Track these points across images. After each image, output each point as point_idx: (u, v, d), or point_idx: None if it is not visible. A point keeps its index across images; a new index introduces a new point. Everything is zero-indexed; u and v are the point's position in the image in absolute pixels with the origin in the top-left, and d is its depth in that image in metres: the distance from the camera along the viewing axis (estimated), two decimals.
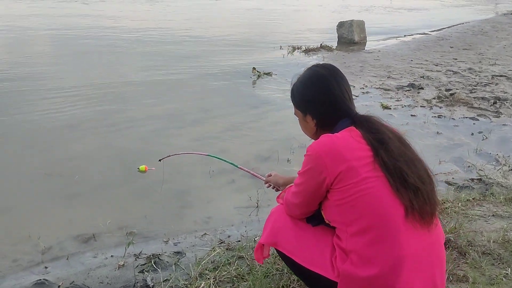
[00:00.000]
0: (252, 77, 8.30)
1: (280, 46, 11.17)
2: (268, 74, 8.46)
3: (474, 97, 7.01)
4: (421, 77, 8.34)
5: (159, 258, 3.01)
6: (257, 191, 3.87)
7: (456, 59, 10.04)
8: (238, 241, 3.21)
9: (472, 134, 5.59)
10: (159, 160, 3.84)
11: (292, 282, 2.54)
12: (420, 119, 6.11)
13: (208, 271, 2.74)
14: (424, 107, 6.62)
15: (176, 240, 3.34)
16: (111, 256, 3.12)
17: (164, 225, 3.58)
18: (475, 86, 7.67)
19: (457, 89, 7.40)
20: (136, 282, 2.74)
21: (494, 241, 3.00)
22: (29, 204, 3.90)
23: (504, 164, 4.68)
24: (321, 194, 1.89)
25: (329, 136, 1.86)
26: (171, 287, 2.63)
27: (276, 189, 2.63)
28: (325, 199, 1.91)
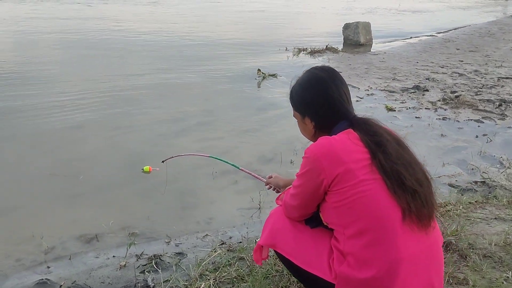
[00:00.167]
0: (257, 79, 8.31)
1: (286, 48, 11.19)
2: (273, 76, 8.48)
3: (480, 100, 6.98)
4: (427, 79, 8.32)
5: (161, 259, 3.03)
6: (259, 193, 3.88)
7: (462, 61, 10.01)
8: (239, 243, 3.22)
9: (477, 137, 5.57)
10: (162, 162, 3.91)
11: (292, 284, 2.55)
12: (425, 121, 6.09)
13: (209, 272, 2.75)
14: (429, 109, 6.61)
15: (178, 241, 3.36)
16: (113, 257, 3.14)
17: (166, 226, 3.60)
18: (481, 89, 7.64)
19: (463, 91, 7.37)
20: (137, 283, 2.76)
21: (496, 244, 2.98)
22: (33, 204, 3.94)
23: (508, 167, 4.66)
24: (319, 196, 1.90)
25: (327, 139, 1.87)
26: (172, 287, 2.65)
27: (277, 191, 2.64)
28: (323, 201, 1.91)
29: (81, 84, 7.45)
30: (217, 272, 2.73)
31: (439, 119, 6.19)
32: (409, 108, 6.66)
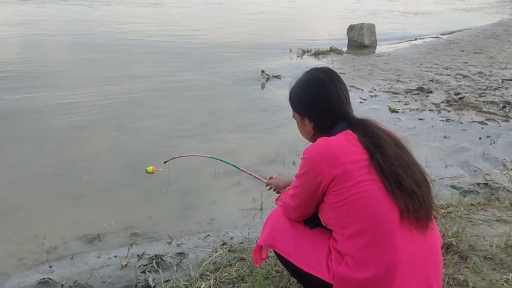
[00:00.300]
0: (261, 80, 8.32)
1: (290, 49, 11.18)
2: (277, 77, 8.49)
3: (483, 101, 6.96)
4: (431, 81, 8.31)
5: (162, 259, 3.05)
6: (261, 194, 3.89)
7: (467, 63, 9.98)
8: (241, 243, 3.24)
9: (480, 138, 5.55)
10: (164, 162, 3.93)
11: (292, 284, 2.56)
12: (428, 123, 6.08)
13: (209, 272, 2.76)
14: (432, 111, 6.60)
15: (180, 241, 3.38)
16: (115, 256, 3.16)
17: (168, 226, 3.62)
18: (485, 90, 7.62)
19: (466, 93, 7.36)
20: (138, 282, 2.78)
21: (497, 246, 2.98)
22: (37, 204, 3.97)
23: (511, 169, 4.65)
24: (318, 197, 1.91)
25: (325, 140, 1.88)
26: (172, 287, 2.66)
27: (277, 192, 2.65)
28: (322, 202, 1.92)
29: (85, 86, 7.48)
30: (218, 272, 2.74)
31: (443, 121, 6.18)
32: (413, 110, 6.65)
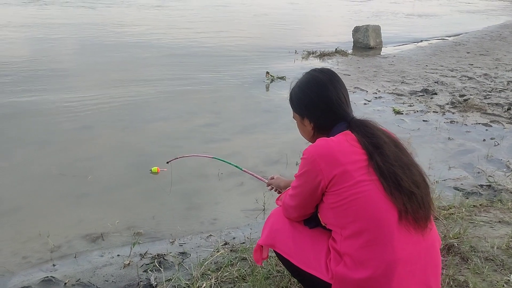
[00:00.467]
0: (266, 81, 8.34)
1: (295, 51, 11.19)
2: (282, 78, 8.50)
3: (488, 103, 6.95)
4: (435, 83, 8.30)
5: (164, 258, 3.07)
6: (264, 194, 3.90)
7: (472, 65, 9.96)
8: (243, 243, 3.25)
9: (484, 140, 5.55)
10: (167, 162, 3.98)
11: (292, 284, 2.57)
12: (432, 125, 6.08)
13: (211, 272, 2.78)
14: (437, 113, 6.59)
15: (182, 241, 3.40)
16: (118, 255, 3.19)
17: (171, 226, 3.65)
18: (490, 92, 7.61)
19: (471, 95, 7.34)
20: (140, 281, 2.80)
21: (498, 247, 2.98)
22: (41, 203, 4.00)
23: None
24: (317, 197, 1.92)
25: (325, 140, 1.89)
26: (174, 287, 2.68)
27: (278, 192, 2.67)
28: (321, 202, 1.93)
29: (90, 87, 7.49)
30: (219, 272, 2.76)
31: (447, 123, 6.17)
32: (417, 112, 6.65)
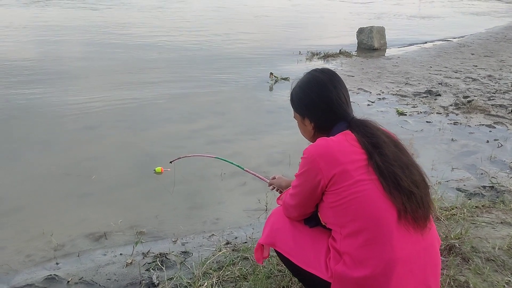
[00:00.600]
0: (269, 82, 8.35)
1: (300, 52, 11.19)
2: (286, 79, 8.50)
3: (492, 105, 6.93)
4: (439, 84, 8.28)
5: (166, 257, 3.09)
6: (266, 195, 3.91)
7: (476, 66, 9.93)
8: (244, 243, 3.27)
9: (488, 142, 5.54)
10: (170, 162, 4.01)
11: (293, 284, 2.58)
12: (436, 126, 6.08)
13: (212, 271, 2.80)
14: (440, 114, 6.58)
15: (184, 240, 3.42)
16: (120, 254, 3.21)
17: (174, 225, 3.67)
18: (494, 94, 7.59)
19: (475, 96, 7.33)
20: (142, 280, 2.82)
21: (500, 248, 2.98)
22: (45, 202, 4.04)
23: None
24: (317, 196, 1.93)
25: (325, 140, 1.91)
26: (175, 285, 2.70)
27: (280, 191, 2.68)
28: (321, 201, 1.95)
29: (94, 88, 7.50)
30: (221, 271, 2.78)
31: (450, 124, 6.16)
32: (420, 113, 6.64)
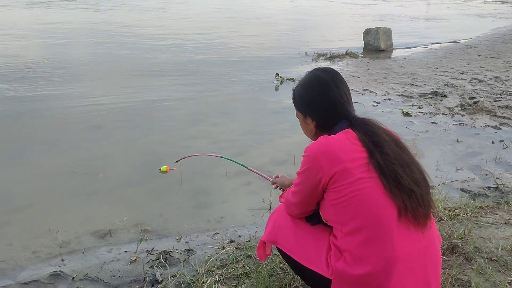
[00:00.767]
0: (275, 83, 8.38)
1: (306, 53, 11.19)
2: (291, 80, 8.51)
3: (498, 106, 6.92)
4: (445, 85, 8.27)
5: (170, 255, 3.12)
6: (270, 194, 3.93)
7: (483, 68, 9.90)
8: (248, 241, 3.29)
9: (493, 143, 5.53)
10: (176, 162, 4.04)
11: (295, 281, 2.60)
12: (441, 127, 6.07)
13: (216, 268, 2.83)
14: (446, 115, 6.58)
15: (188, 238, 3.45)
16: (125, 252, 3.24)
17: (178, 224, 3.70)
18: (500, 95, 7.57)
19: (481, 98, 7.31)
20: (146, 277, 2.85)
21: (503, 248, 2.99)
22: (52, 200, 4.08)
23: None
24: (318, 194, 1.95)
25: (326, 138, 1.92)
26: (179, 282, 2.73)
27: (283, 190, 2.70)
28: (322, 199, 1.97)
29: (101, 88, 7.53)
30: (224, 269, 2.80)
31: (456, 125, 6.16)
32: (426, 114, 6.63)
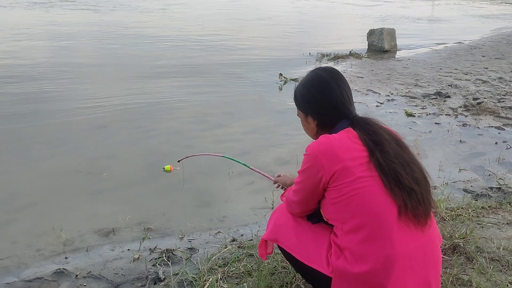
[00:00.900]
0: (279, 83, 8.39)
1: (310, 53, 11.21)
2: (295, 80, 8.53)
3: (502, 107, 6.91)
4: (449, 86, 8.26)
5: (173, 253, 3.14)
6: (273, 193, 3.95)
7: (487, 68, 9.88)
8: (250, 240, 3.30)
9: (496, 143, 5.52)
10: (178, 161, 4.07)
11: (297, 280, 2.61)
12: (444, 127, 6.07)
13: (218, 267, 2.85)
14: (449, 116, 6.57)
15: (191, 237, 3.47)
16: (128, 250, 3.26)
17: (181, 223, 3.72)
18: (504, 96, 7.55)
19: (485, 98, 7.30)
20: (149, 275, 2.87)
21: (504, 248, 2.99)
22: (56, 199, 4.11)
23: None
24: (319, 193, 1.97)
25: (327, 137, 1.94)
26: (181, 280, 2.75)
27: (285, 189, 2.71)
28: (323, 198, 1.98)
29: (105, 89, 7.55)
30: (226, 267, 2.82)
31: (459, 125, 6.16)
32: (429, 114, 6.63)
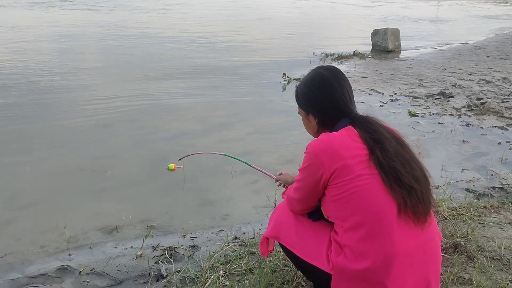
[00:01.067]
0: (282, 83, 8.41)
1: (313, 53, 11.21)
2: (299, 80, 8.53)
3: (506, 107, 6.90)
4: (453, 86, 8.26)
5: (175, 251, 3.16)
6: (275, 192, 3.97)
7: (491, 69, 9.87)
8: (252, 238, 3.32)
9: (499, 143, 5.52)
10: (179, 160, 4.09)
11: (298, 277, 2.63)
12: (447, 127, 6.07)
13: (220, 264, 2.87)
14: (453, 116, 6.57)
15: (193, 235, 3.49)
16: (131, 247, 3.29)
17: (184, 221, 3.74)
18: (508, 96, 7.54)
19: (489, 99, 7.30)
20: (151, 272, 2.90)
21: (506, 248, 3.00)
22: (60, 197, 4.14)
23: None
24: (320, 190, 1.98)
25: (327, 135, 1.95)
26: (183, 278, 2.77)
27: (286, 187, 2.73)
28: (323, 195, 1.99)
29: (109, 88, 7.59)
30: (228, 265, 2.84)
31: (462, 125, 6.16)
32: (433, 114, 6.63)
